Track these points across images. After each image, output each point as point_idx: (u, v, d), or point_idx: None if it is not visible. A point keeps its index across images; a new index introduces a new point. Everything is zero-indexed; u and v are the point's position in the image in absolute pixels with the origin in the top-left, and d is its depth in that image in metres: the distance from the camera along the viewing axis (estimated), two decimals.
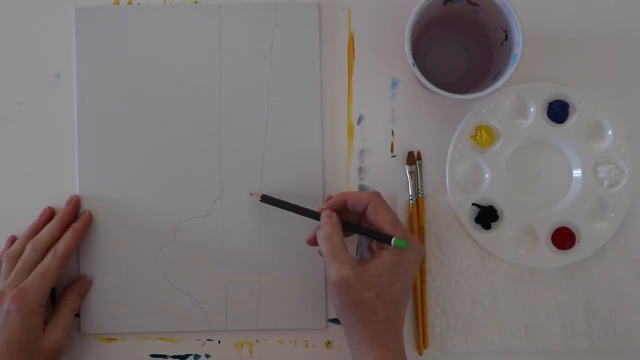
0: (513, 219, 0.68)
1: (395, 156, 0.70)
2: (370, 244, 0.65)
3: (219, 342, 0.69)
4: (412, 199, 0.69)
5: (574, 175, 0.69)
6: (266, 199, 0.67)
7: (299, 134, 0.69)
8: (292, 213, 0.66)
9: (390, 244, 0.60)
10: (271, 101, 0.69)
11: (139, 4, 0.70)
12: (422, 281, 0.68)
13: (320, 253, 0.62)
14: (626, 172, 0.68)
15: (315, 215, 0.64)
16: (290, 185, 0.69)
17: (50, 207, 0.69)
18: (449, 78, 0.69)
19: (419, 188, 0.69)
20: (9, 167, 0.70)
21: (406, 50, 0.62)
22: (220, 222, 0.69)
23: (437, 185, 0.69)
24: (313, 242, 0.64)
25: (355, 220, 0.64)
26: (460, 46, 0.70)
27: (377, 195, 0.63)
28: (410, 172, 0.69)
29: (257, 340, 0.69)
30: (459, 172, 0.69)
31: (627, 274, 0.69)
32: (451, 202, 0.68)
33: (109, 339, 0.69)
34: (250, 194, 0.68)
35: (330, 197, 0.67)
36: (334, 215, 0.62)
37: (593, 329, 0.68)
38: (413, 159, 0.69)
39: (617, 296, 0.69)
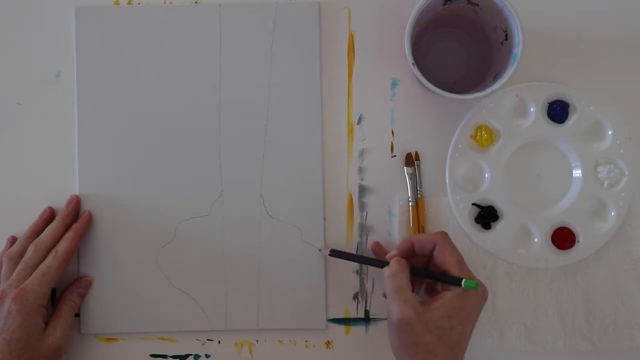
0: (513, 219, 0.68)
1: (395, 156, 0.70)
2: (433, 285, 0.64)
3: (219, 342, 0.69)
4: (411, 201, 0.69)
5: (574, 175, 0.69)
6: (335, 253, 0.66)
7: (299, 133, 0.69)
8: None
9: (460, 286, 0.59)
10: (271, 101, 0.69)
11: (139, 4, 0.70)
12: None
13: (385, 295, 0.62)
14: (626, 172, 0.68)
15: (385, 265, 0.62)
16: (290, 185, 0.69)
17: (50, 207, 0.69)
18: (449, 78, 0.69)
19: (419, 188, 0.69)
20: (9, 167, 0.70)
21: (406, 50, 0.62)
22: (220, 222, 0.69)
23: (437, 185, 0.69)
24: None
25: (422, 263, 0.64)
26: (460, 46, 0.70)
27: (445, 235, 0.62)
28: (410, 175, 0.69)
29: (257, 340, 0.69)
30: (459, 172, 0.69)
31: (627, 274, 0.69)
32: (451, 202, 0.68)
33: (109, 339, 0.69)
34: (319, 250, 0.68)
35: (376, 245, 0.67)
36: (403, 260, 0.62)
37: (593, 329, 0.68)
38: (411, 160, 0.69)
39: (617, 296, 0.69)
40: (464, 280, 0.59)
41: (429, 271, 0.63)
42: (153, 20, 0.70)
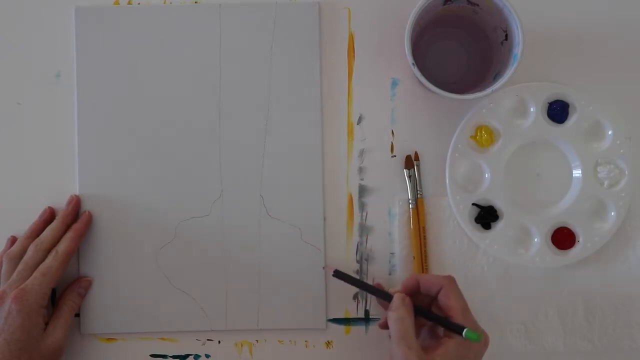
0: (513, 219, 0.68)
1: (395, 156, 0.70)
2: (435, 329, 0.63)
3: (219, 342, 0.69)
4: (411, 203, 0.69)
5: (574, 175, 0.69)
6: (338, 274, 0.66)
7: (299, 133, 0.69)
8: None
9: (461, 334, 0.58)
10: (271, 101, 0.69)
11: (139, 4, 0.70)
12: None
13: (381, 326, 0.62)
14: (626, 172, 0.68)
15: (386, 297, 0.62)
16: (290, 185, 0.69)
17: (50, 207, 0.69)
18: (449, 78, 0.69)
19: (419, 189, 0.69)
20: (9, 167, 0.70)
21: (406, 50, 0.62)
22: (220, 222, 0.69)
23: (437, 185, 0.69)
24: (385, 325, 0.62)
25: (426, 303, 0.63)
26: (460, 46, 0.70)
27: (451, 280, 0.61)
28: (409, 176, 0.69)
29: (257, 340, 0.69)
30: (459, 172, 0.69)
31: (627, 274, 0.69)
32: (451, 202, 0.68)
33: (109, 339, 0.69)
34: (323, 267, 0.68)
35: (378, 286, 0.66)
36: (408, 298, 0.61)
37: (593, 329, 0.68)
38: (411, 162, 0.69)
39: (617, 296, 0.69)
40: (465, 330, 0.58)
41: (433, 314, 0.62)
42: (153, 20, 0.70)
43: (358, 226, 0.70)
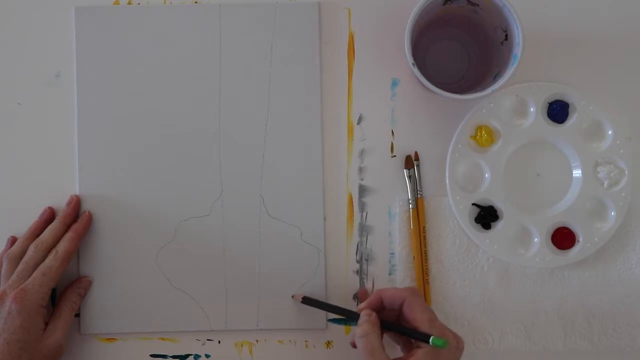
0: (513, 219, 0.68)
1: (395, 156, 0.70)
2: (410, 341, 0.63)
3: (219, 342, 0.69)
4: (411, 203, 0.69)
5: (574, 175, 0.69)
6: (306, 301, 0.67)
7: (299, 133, 0.69)
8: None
9: (428, 342, 0.58)
10: (271, 101, 0.69)
11: (139, 4, 0.70)
12: (426, 281, 0.68)
13: (353, 345, 0.62)
14: (626, 172, 0.68)
15: (354, 316, 0.63)
16: (290, 185, 0.69)
17: (50, 208, 0.69)
18: (449, 78, 0.69)
19: (419, 189, 0.69)
20: (9, 167, 0.70)
21: (406, 50, 0.62)
22: (220, 222, 0.69)
23: (437, 185, 0.69)
24: (355, 345, 0.61)
25: (392, 317, 0.63)
26: (460, 46, 0.70)
27: (413, 291, 0.61)
28: (409, 176, 0.69)
29: (257, 340, 0.69)
30: (459, 172, 0.69)
31: (627, 274, 0.69)
32: (451, 202, 0.68)
33: (109, 339, 0.69)
34: (292, 296, 0.68)
35: (363, 292, 0.68)
36: (373, 314, 0.61)
37: (593, 329, 0.68)
38: (411, 161, 0.69)
39: (617, 296, 0.69)
40: (432, 337, 0.58)
41: (399, 326, 0.62)
42: (153, 20, 0.70)
43: (358, 226, 0.70)
